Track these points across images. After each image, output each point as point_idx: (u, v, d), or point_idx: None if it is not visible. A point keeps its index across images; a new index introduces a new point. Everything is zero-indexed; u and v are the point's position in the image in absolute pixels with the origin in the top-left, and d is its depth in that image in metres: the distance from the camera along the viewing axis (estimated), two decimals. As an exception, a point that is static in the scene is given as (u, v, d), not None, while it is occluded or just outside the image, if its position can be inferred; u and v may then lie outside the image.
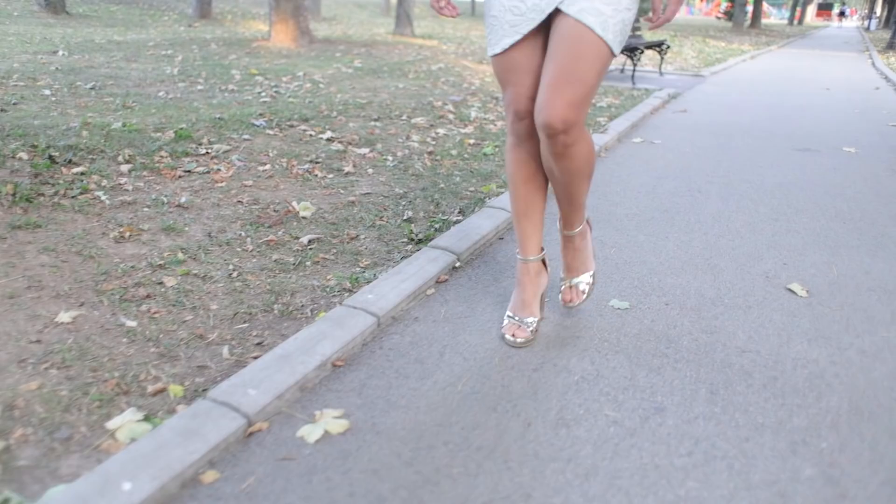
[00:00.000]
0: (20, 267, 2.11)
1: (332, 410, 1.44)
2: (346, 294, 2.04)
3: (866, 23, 44.97)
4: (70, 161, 3.04)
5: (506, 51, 1.60)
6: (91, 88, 5.12)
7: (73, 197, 2.68)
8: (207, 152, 3.43)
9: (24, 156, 3.00)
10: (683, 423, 1.44)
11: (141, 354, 1.69)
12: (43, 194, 2.67)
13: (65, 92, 4.87)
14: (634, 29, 8.43)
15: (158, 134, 3.65)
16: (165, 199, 2.75)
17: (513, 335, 1.75)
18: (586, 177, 1.68)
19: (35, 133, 3.41)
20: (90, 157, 3.15)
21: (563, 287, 1.90)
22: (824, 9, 62.41)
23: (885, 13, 40.24)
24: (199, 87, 5.55)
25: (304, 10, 9.81)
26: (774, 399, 1.54)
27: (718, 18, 38.72)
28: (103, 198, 2.71)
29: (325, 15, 20.57)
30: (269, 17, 10.16)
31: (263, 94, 5.31)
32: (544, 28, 1.58)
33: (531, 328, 1.76)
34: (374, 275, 2.16)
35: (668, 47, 8.83)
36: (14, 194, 2.60)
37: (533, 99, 1.61)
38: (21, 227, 2.39)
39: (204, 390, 1.55)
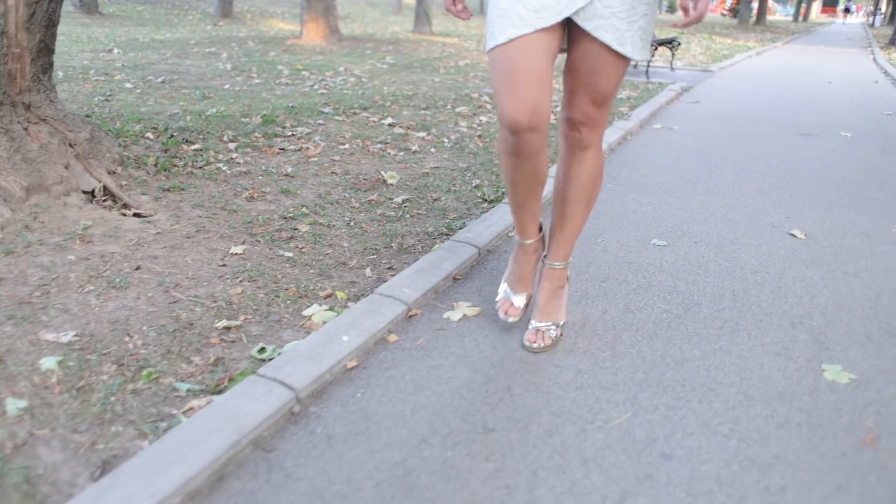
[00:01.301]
0: (184, 217, 2.68)
1: (465, 302, 2.01)
2: (445, 238, 2.61)
3: (871, 19, 45.31)
4: (186, 140, 3.62)
5: (511, 41, 1.44)
6: (162, 82, 5.70)
7: (200, 167, 3.26)
8: (293, 134, 4.01)
9: (150, 136, 3.58)
10: (715, 312, 2.01)
11: (304, 274, 2.26)
12: (175, 165, 3.24)
13: (142, 85, 5.45)
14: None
15: (246, 119, 4.23)
16: (273, 170, 3.32)
17: (506, 313, 1.84)
18: (588, 201, 1.73)
19: (149, 118, 3.99)
20: (200, 136, 3.73)
21: (530, 327, 1.80)
22: (829, 5, 62.61)
23: (889, 9, 40.60)
24: (256, 80, 6.12)
25: (333, 9, 10.38)
26: (779, 299, 2.11)
27: (724, 15, 39.14)
28: (224, 168, 3.28)
29: (339, 13, 21.10)
30: (300, 16, 10.73)
31: (316, 86, 5.89)
32: (556, 31, 1.49)
33: (521, 305, 1.85)
34: (463, 223, 2.73)
35: (679, 44, 9.37)
36: (156, 164, 3.18)
37: (532, 111, 1.45)
38: (169, 190, 2.96)
39: (361, 295, 2.12)
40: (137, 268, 2.23)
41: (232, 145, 3.64)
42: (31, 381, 1.58)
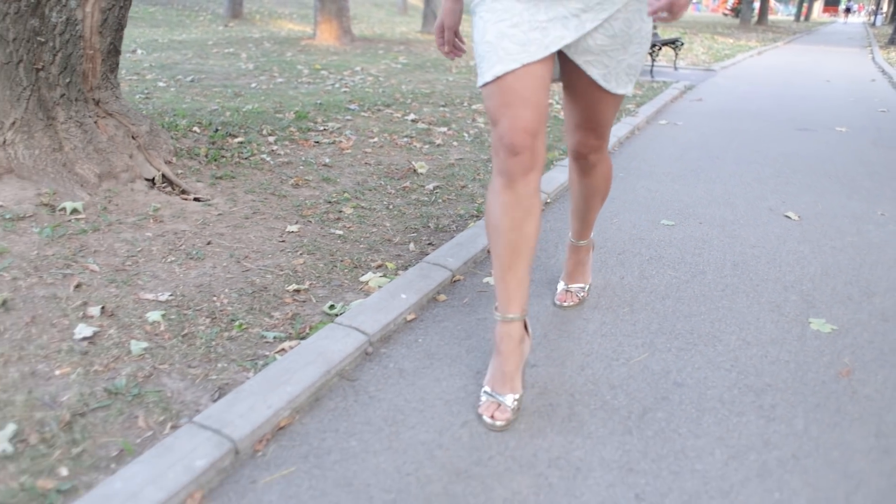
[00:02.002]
0: (239, 201, 2.98)
1: (500, 270, 2.31)
2: (475, 219, 2.90)
3: (872, 18, 45.52)
4: (230, 133, 3.93)
5: (499, 78, 1.42)
6: (192, 81, 6.01)
7: (245, 158, 3.56)
8: (325, 129, 4.31)
9: (197, 129, 3.88)
10: (718, 278, 2.31)
11: (355, 248, 2.56)
12: (223, 156, 3.54)
13: (174, 84, 5.76)
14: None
15: (280, 115, 4.53)
16: (312, 161, 3.62)
17: (492, 417, 1.49)
18: (602, 197, 1.94)
19: (191, 114, 4.29)
20: (242, 130, 4.03)
21: (560, 289, 2.13)
22: (831, 4, 62.79)
23: (890, 9, 40.83)
24: (279, 79, 6.43)
25: (346, 11, 10.68)
26: (774, 269, 2.41)
27: (725, 15, 39.42)
28: (267, 159, 3.58)
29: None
30: (313, 17, 11.03)
31: (337, 85, 6.19)
32: (546, 61, 1.46)
33: (512, 407, 1.52)
34: (490, 207, 3.03)
35: (682, 44, 9.66)
36: (207, 155, 3.49)
37: (531, 133, 1.42)
38: (221, 178, 3.26)
39: (408, 266, 2.42)
40: (208, 243, 2.53)
41: (271, 138, 3.95)
42: (143, 329, 1.89)
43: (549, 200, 3.18)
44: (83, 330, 1.84)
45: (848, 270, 2.41)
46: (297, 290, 2.17)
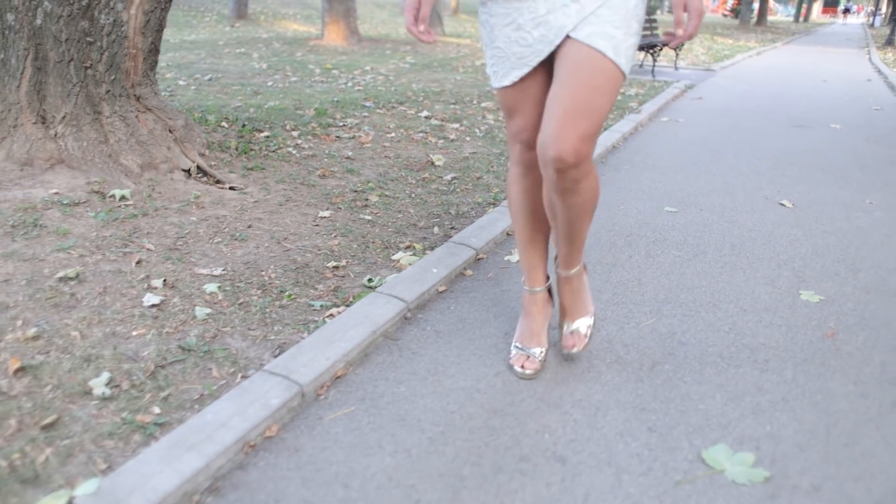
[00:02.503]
0: (272, 190, 3.20)
1: (519, 249, 2.53)
2: (493, 206, 3.13)
3: (871, 19, 45.79)
4: (255, 129, 4.15)
5: (515, 84, 1.55)
6: (210, 80, 6.23)
7: (273, 151, 3.78)
8: (344, 124, 4.54)
9: (225, 125, 4.11)
10: (717, 257, 2.54)
11: (384, 232, 2.78)
12: (252, 149, 3.77)
13: (194, 83, 5.98)
14: (652, 27, 9.49)
15: (301, 111, 4.76)
16: (335, 154, 3.84)
17: (522, 367, 1.71)
18: (590, 214, 1.60)
19: (217, 110, 4.52)
20: (266, 126, 4.26)
21: (563, 332, 1.79)
22: (830, 5, 63.06)
23: (889, 10, 41.10)
24: (293, 78, 6.65)
25: (353, 11, 10.90)
26: (769, 249, 2.63)
27: (725, 16, 39.71)
28: (293, 152, 3.81)
29: (351, 14, 21.58)
30: (321, 17, 11.26)
31: (350, 83, 6.42)
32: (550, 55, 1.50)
33: (539, 358, 1.74)
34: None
35: (682, 44, 9.89)
36: (237, 148, 3.71)
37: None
38: (252, 169, 3.48)
39: (434, 247, 2.64)
40: (249, 226, 2.75)
41: (295, 133, 4.17)
42: (203, 298, 2.11)
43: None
44: (151, 298, 2.06)
45: (836, 251, 2.64)
46: (336, 267, 2.40)
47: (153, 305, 2.03)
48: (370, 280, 2.29)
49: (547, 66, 1.53)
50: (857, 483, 1.36)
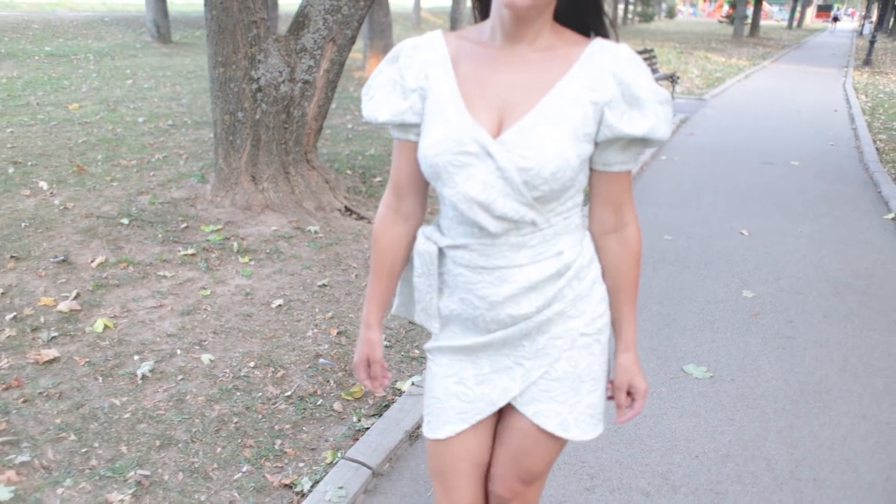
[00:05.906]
0: (402, 224, 4.81)
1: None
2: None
3: (862, 26, 47.14)
4: (371, 175, 5.76)
5: (448, 439, 1.40)
6: (301, 122, 7.83)
7: (389, 193, 5.38)
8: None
9: (349, 171, 5.73)
10: (697, 270, 4.17)
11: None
12: (377, 193, 5.37)
13: (292, 126, 7.58)
14: (651, 65, 11.10)
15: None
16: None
17: None
18: None
19: (335, 158, 6.13)
20: (376, 172, 5.87)
21: None
22: (823, 10, 64.66)
23: (875, 18, 42.59)
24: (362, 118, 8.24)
25: (391, 47, 12.48)
26: (729, 264, 4.27)
27: (721, 22, 41.32)
28: (403, 194, 5.41)
29: (362, 33, 23.07)
30: (364, 51, 12.86)
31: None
32: (492, 415, 1.43)
33: None
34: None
35: (679, 77, 11.51)
36: (366, 192, 5.32)
37: None
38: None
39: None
40: (401, 251, 4.37)
41: (397, 177, 5.77)
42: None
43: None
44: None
45: (769, 266, 4.27)
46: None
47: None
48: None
49: (487, 424, 1.43)
50: (754, 377, 2.99)
